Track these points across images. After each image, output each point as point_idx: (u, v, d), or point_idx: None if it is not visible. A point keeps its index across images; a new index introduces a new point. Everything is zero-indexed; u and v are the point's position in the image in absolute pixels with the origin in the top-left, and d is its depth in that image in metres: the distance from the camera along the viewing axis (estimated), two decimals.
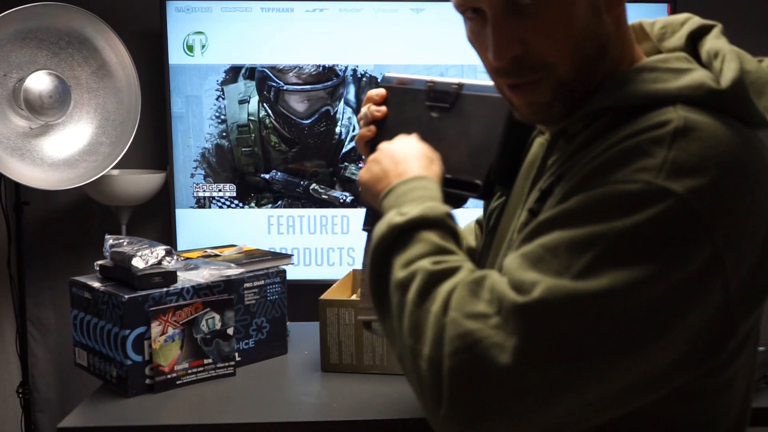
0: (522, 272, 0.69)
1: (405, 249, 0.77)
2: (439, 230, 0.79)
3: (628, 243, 0.67)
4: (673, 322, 0.67)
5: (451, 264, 0.75)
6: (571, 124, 0.81)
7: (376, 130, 1.02)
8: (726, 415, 0.79)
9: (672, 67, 0.77)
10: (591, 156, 0.73)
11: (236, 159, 2.20)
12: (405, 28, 2.15)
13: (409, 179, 0.87)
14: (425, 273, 0.74)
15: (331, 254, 2.24)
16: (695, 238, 0.67)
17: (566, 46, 0.75)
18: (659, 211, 0.66)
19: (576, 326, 0.65)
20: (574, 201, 0.70)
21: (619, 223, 0.67)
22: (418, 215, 0.79)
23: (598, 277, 0.66)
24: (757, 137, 0.75)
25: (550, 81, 0.77)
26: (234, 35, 2.16)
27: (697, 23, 0.83)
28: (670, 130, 0.69)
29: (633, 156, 0.69)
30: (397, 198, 0.85)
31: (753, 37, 2.03)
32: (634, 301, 0.66)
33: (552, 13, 0.74)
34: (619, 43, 0.79)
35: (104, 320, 1.44)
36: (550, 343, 0.65)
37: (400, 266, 0.76)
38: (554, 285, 0.66)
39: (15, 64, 1.90)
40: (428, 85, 0.98)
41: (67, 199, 2.33)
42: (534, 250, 0.70)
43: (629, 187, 0.68)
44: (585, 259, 0.67)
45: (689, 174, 0.67)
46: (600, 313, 0.65)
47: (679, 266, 0.66)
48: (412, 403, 1.37)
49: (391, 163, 0.91)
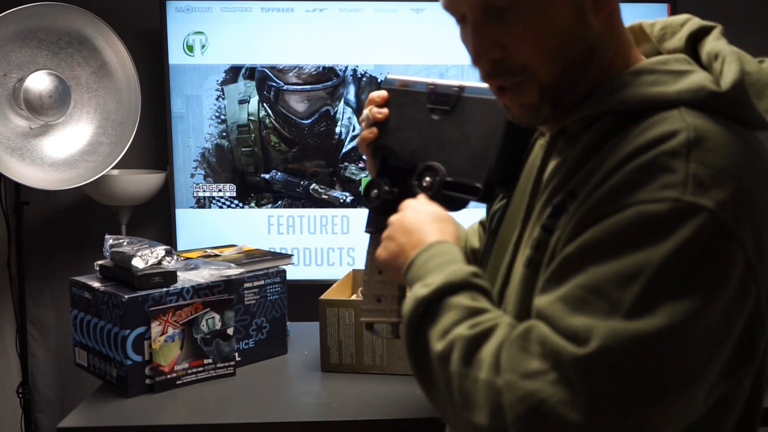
0: (569, 318, 0.67)
1: (437, 320, 0.75)
2: (467, 292, 0.76)
3: (673, 270, 0.65)
4: (726, 339, 0.67)
5: (488, 324, 0.72)
6: (570, 126, 0.80)
7: (377, 131, 1.03)
8: (732, 412, 0.79)
9: (671, 69, 0.76)
10: (604, 171, 0.71)
11: (236, 159, 2.20)
12: (405, 28, 2.15)
13: (426, 248, 0.84)
14: (464, 340, 0.71)
15: (331, 254, 2.24)
16: (731, 252, 0.66)
17: (546, 50, 0.75)
18: (694, 229, 0.65)
19: (642, 369, 0.64)
20: (600, 230, 0.68)
21: (658, 249, 0.65)
22: (442, 283, 0.77)
23: (652, 312, 0.64)
24: (756, 139, 0.75)
25: (533, 83, 0.77)
26: (234, 35, 2.16)
27: (697, 24, 0.83)
28: (683, 142, 0.68)
29: (652, 173, 0.68)
30: (419, 270, 0.82)
31: (753, 37, 2.03)
32: (692, 331, 0.65)
33: (530, 18, 0.74)
34: (612, 43, 0.79)
35: (104, 320, 1.44)
36: (619, 391, 0.63)
37: (437, 339, 0.74)
38: (611, 329, 0.64)
39: (15, 64, 1.90)
40: (429, 87, 0.98)
41: (67, 199, 2.33)
42: (573, 292, 0.68)
43: (658, 207, 0.66)
44: (632, 293, 0.65)
45: (712, 186, 0.66)
46: (664, 351, 0.64)
47: (725, 285, 0.66)
48: (412, 403, 1.37)
49: (405, 236, 0.89)
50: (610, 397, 0.63)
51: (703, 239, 0.65)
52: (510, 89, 0.79)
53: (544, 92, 0.78)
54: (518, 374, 0.66)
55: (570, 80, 0.78)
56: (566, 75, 0.77)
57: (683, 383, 0.65)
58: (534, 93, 0.78)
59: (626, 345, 0.64)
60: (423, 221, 0.89)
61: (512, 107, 0.81)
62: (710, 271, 0.66)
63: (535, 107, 0.79)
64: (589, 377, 0.64)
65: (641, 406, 0.64)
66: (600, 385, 0.64)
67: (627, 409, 0.64)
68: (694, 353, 0.65)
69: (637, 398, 0.64)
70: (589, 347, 0.64)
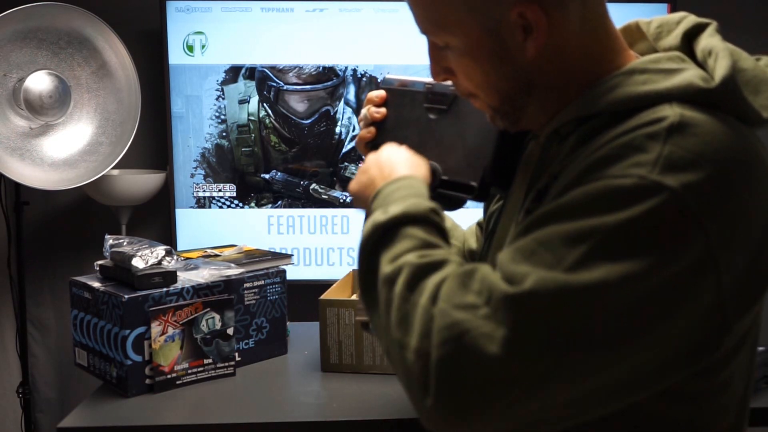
0: (514, 265, 0.69)
1: (390, 245, 0.78)
2: (424, 225, 0.79)
3: (621, 237, 0.67)
4: (664, 317, 0.67)
5: (437, 257, 0.75)
6: (563, 126, 0.81)
7: (375, 131, 1.03)
8: (723, 416, 0.79)
9: (663, 67, 0.77)
10: (586, 154, 0.73)
11: (236, 159, 2.20)
12: (405, 28, 2.14)
13: (394, 180, 0.88)
14: (412, 266, 0.74)
15: (331, 254, 2.24)
16: (688, 234, 0.67)
17: (480, 84, 0.83)
18: (652, 205, 0.66)
19: (566, 318, 0.66)
20: (569, 196, 0.71)
21: (612, 217, 0.67)
22: (401, 212, 0.80)
23: (590, 270, 0.66)
24: (753, 135, 0.75)
25: (482, 103, 0.86)
26: (234, 35, 2.16)
27: (693, 22, 0.83)
28: (665, 126, 0.70)
29: (628, 151, 0.69)
30: (384, 198, 0.85)
31: (752, 37, 2.04)
32: (625, 294, 0.66)
33: (456, 62, 0.82)
34: (598, 48, 0.80)
35: (104, 320, 1.44)
36: (539, 334, 0.66)
37: (387, 262, 0.77)
38: (545, 277, 0.66)
39: (15, 64, 1.90)
40: (427, 87, 0.99)
41: (67, 199, 2.33)
42: (527, 243, 0.70)
43: (623, 181, 0.68)
44: (577, 252, 0.67)
45: (684, 169, 0.67)
46: (590, 306, 0.66)
47: (672, 261, 0.66)
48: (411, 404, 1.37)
49: (377, 170, 0.92)
50: (527, 338, 0.66)
51: (658, 216, 0.67)
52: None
53: (493, 111, 0.85)
54: (452, 304, 0.69)
55: (514, 106, 0.83)
56: (506, 103, 0.83)
57: (605, 343, 0.66)
58: (486, 109, 0.86)
59: (554, 292, 0.66)
60: (397, 159, 0.93)
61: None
62: (657, 245, 0.67)
63: (492, 118, 0.87)
64: (513, 315, 0.66)
65: (558, 352, 0.65)
66: (521, 325, 0.66)
67: (542, 353, 0.65)
68: (621, 316, 0.66)
69: (554, 344, 0.65)
70: (519, 288, 0.67)
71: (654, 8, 2.16)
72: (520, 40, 0.77)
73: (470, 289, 0.70)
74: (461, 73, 0.83)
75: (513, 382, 0.65)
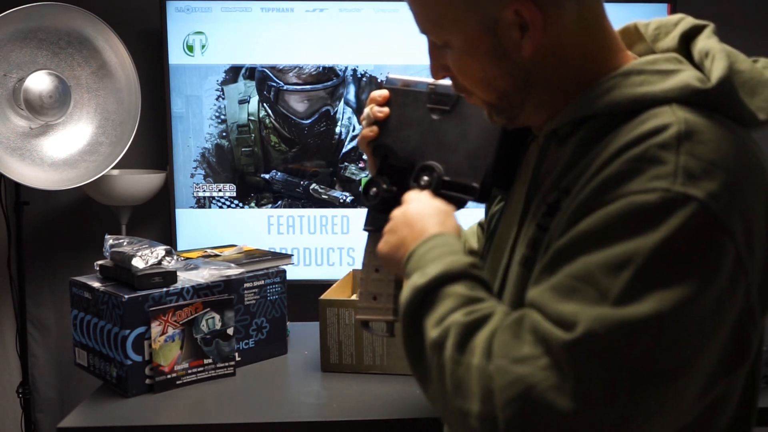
0: (558, 305, 0.67)
1: (434, 308, 0.75)
2: (465, 281, 0.76)
3: (663, 259, 0.65)
4: (717, 329, 0.67)
5: (484, 312, 0.73)
6: (560, 128, 0.81)
7: (378, 130, 1.03)
8: (724, 411, 0.79)
9: (659, 69, 0.77)
10: (596, 166, 0.72)
11: (236, 159, 2.20)
12: (405, 28, 2.14)
13: (426, 239, 0.84)
14: (459, 326, 0.71)
15: (331, 254, 2.24)
16: (721, 243, 0.67)
17: (476, 82, 0.83)
18: (684, 218, 0.65)
19: (629, 355, 0.64)
20: (591, 221, 0.69)
21: (648, 238, 0.65)
22: (440, 272, 0.77)
23: (641, 299, 0.64)
24: (749, 136, 0.75)
25: (478, 100, 0.86)
26: (234, 35, 2.16)
27: (690, 23, 0.83)
28: (674, 135, 0.69)
29: (643, 165, 0.68)
30: (418, 261, 0.82)
31: (752, 37, 2.04)
32: (681, 320, 0.65)
33: (453, 60, 0.82)
34: (595, 48, 0.79)
35: (104, 320, 1.44)
36: (608, 377, 0.63)
37: (432, 326, 0.74)
38: (599, 315, 0.64)
39: (15, 64, 1.90)
40: (430, 87, 0.99)
41: (67, 199, 2.33)
42: (562, 281, 0.68)
43: (648, 197, 0.66)
44: (621, 281, 0.65)
45: (703, 178, 0.67)
46: (651, 338, 0.64)
47: (715, 275, 0.66)
48: (412, 403, 1.37)
49: (407, 229, 0.88)
50: (597, 382, 0.63)
51: (693, 229, 0.66)
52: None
53: (489, 108, 0.85)
54: (509, 359, 0.66)
55: (511, 103, 0.82)
56: (503, 101, 0.83)
57: (672, 373, 0.65)
58: (482, 106, 0.86)
59: (613, 330, 0.64)
60: (425, 214, 0.89)
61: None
62: (700, 261, 0.66)
63: (489, 114, 0.87)
64: (577, 362, 0.64)
65: (629, 393, 0.64)
66: (587, 371, 0.64)
67: (614, 395, 0.63)
68: (683, 342, 0.65)
69: (624, 385, 0.64)
70: (576, 332, 0.64)
71: (654, 8, 2.16)
72: (517, 38, 0.76)
73: (524, 340, 0.67)
74: (459, 70, 0.83)
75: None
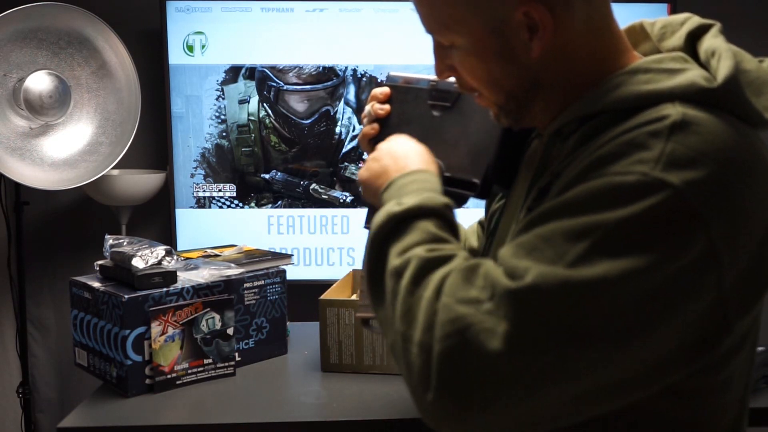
0: (516, 260, 0.70)
1: (401, 237, 0.78)
2: (436, 220, 0.79)
3: (623, 233, 0.67)
4: (666, 314, 0.67)
5: (445, 252, 0.75)
6: (566, 125, 0.81)
7: (379, 128, 1.03)
8: (722, 416, 0.79)
9: (666, 67, 0.77)
10: (588, 151, 0.74)
11: (236, 159, 2.20)
12: (405, 28, 2.15)
13: (409, 172, 0.87)
14: (419, 260, 0.74)
15: (331, 254, 2.24)
16: (690, 231, 0.67)
17: (484, 83, 0.83)
18: (655, 202, 0.67)
19: (567, 314, 0.66)
20: (571, 193, 0.71)
21: (614, 213, 0.67)
22: (415, 204, 0.80)
23: (592, 265, 0.66)
24: (756, 135, 0.75)
25: (487, 101, 0.86)
26: (234, 35, 2.16)
27: (696, 23, 0.83)
28: (667, 124, 0.70)
29: (630, 149, 0.70)
30: (398, 190, 0.85)
31: (753, 37, 2.03)
32: (626, 290, 0.66)
33: (465, 59, 0.82)
34: (603, 48, 0.80)
35: (104, 320, 1.44)
36: (541, 330, 0.66)
37: (396, 254, 0.77)
38: (547, 272, 0.67)
39: (15, 64, 1.90)
40: (431, 84, 0.99)
41: (67, 199, 2.33)
42: (529, 239, 0.71)
43: (625, 178, 0.68)
44: (579, 247, 0.67)
45: (686, 167, 0.67)
46: (591, 302, 0.66)
47: (673, 258, 0.67)
48: (412, 403, 1.36)
49: (391, 160, 0.92)
50: (529, 333, 0.66)
51: (660, 212, 0.67)
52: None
53: (498, 108, 0.85)
54: (455, 299, 0.69)
55: (518, 104, 0.83)
56: (511, 102, 0.83)
57: (606, 339, 0.66)
58: (491, 105, 0.86)
59: (555, 287, 0.66)
60: (411, 151, 0.92)
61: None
62: (661, 241, 0.67)
63: (497, 115, 0.87)
64: (515, 310, 0.66)
65: (560, 348, 0.65)
66: (522, 320, 0.66)
67: (545, 347, 0.65)
68: (624, 313, 0.66)
69: (556, 340, 0.65)
70: (521, 282, 0.67)
71: (654, 8, 2.16)
72: (526, 39, 0.77)
73: (474, 284, 0.70)
74: (466, 71, 0.83)
75: (514, 379, 0.65)
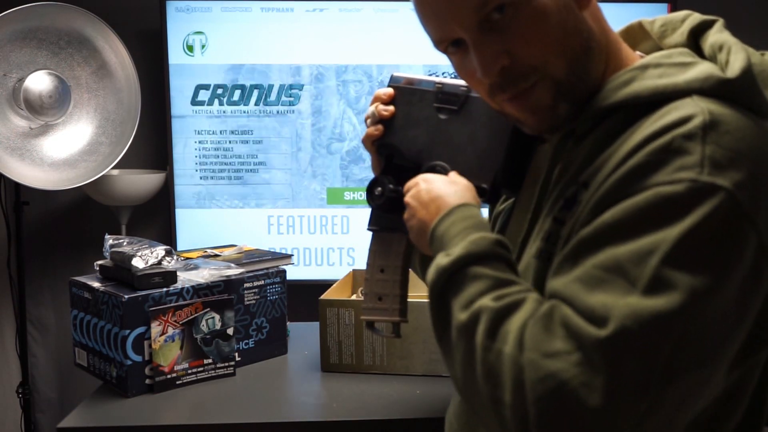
0: (587, 297, 0.67)
1: (461, 290, 0.74)
2: (491, 262, 0.75)
3: (690, 246, 0.65)
4: (744, 316, 0.68)
5: (513, 297, 0.72)
6: (579, 125, 0.80)
7: (383, 129, 1.02)
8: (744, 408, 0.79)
9: (676, 61, 0.77)
10: (617, 159, 0.71)
11: (236, 159, 2.20)
12: (405, 28, 2.15)
13: (445, 215, 0.83)
14: (489, 311, 0.71)
15: (331, 254, 2.24)
16: (745, 230, 0.67)
17: (549, 45, 0.75)
18: (712, 208, 0.65)
19: (661, 349, 0.64)
20: (616, 212, 0.68)
21: (675, 228, 0.65)
22: (463, 253, 0.76)
23: (669, 287, 0.64)
24: (766, 126, 0.75)
25: (546, 82, 0.77)
26: (234, 35, 2.16)
27: (698, 19, 0.83)
28: (699, 125, 0.68)
29: (668, 155, 0.68)
30: (441, 239, 0.81)
31: (753, 37, 2.03)
32: (709, 310, 0.65)
33: (526, 19, 0.74)
34: (603, 40, 0.80)
35: (104, 320, 1.44)
36: (639, 374, 0.63)
37: (460, 308, 0.73)
38: (629, 308, 0.64)
39: (15, 64, 1.90)
40: (437, 86, 0.97)
41: (67, 199, 2.33)
42: (589, 272, 0.68)
43: (675, 188, 0.66)
44: (649, 269, 0.65)
45: (729, 168, 0.67)
46: (681, 330, 0.64)
47: (739, 264, 0.66)
48: (412, 403, 1.37)
49: (423, 210, 0.87)
50: (629, 379, 0.63)
51: (719, 218, 0.65)
52: (522, 96, 0.78)
53: (557, 89, 0.77)
54: (541, 353, 0.66)
55: (578, 73, 0.78)
56: (573, 68, 0.77)
57: (699, 363, 0.65)
58: (547, 93, 0.77)
59: (644, 325, 0.63)
60: (437, 189, 0.87)
61: (527, 117, 0.80)
62: (726, 250, 0.66)
63: (550, 107, 0.78)
64: (610, 359, 0.63)
65: (658, 387, 0.63)
66: (620, 367, 0.63)
67: (645, 391, 0.63)
68: (711, 332, 0.65)
69: (655, 379, 0.63)
70: (608, 328, 0.64)
71: (654, 8, 2.16)
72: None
73: (555, 334, 0.67)
74: (524, 41, 0.75)
75: (619, 428, 0.63)
